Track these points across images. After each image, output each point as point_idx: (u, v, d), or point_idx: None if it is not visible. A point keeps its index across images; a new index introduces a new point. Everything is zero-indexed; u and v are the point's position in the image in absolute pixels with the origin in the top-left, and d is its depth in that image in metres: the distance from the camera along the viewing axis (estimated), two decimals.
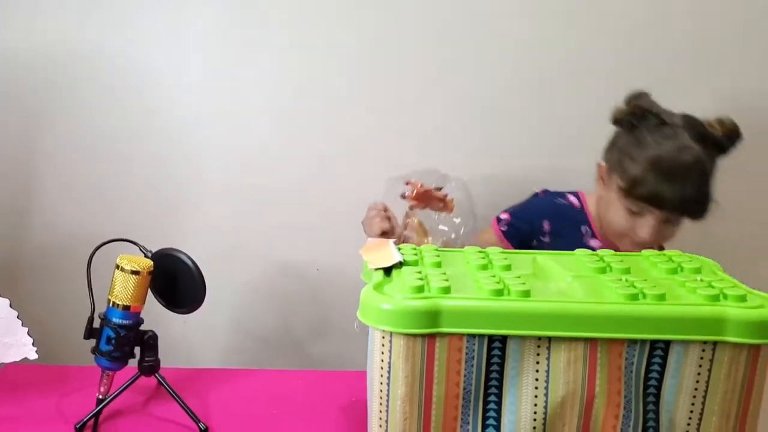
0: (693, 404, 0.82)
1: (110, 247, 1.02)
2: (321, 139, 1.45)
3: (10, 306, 1.01)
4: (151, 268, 1.00)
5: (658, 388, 0.82)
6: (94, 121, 1.46)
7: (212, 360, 1.47)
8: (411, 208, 1.19)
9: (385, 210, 1.18)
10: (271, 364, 1.52)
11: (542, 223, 1.28)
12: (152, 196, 1.48)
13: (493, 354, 0.81)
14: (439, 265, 0.91)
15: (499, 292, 0.81)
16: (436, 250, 0.98)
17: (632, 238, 1.21)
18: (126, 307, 0.99)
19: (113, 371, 1.02)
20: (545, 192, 1.34)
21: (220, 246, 1.44)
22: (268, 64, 1.44)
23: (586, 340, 0.80)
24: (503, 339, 0.80)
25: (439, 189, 1.18)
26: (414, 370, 0.81)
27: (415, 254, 0.95)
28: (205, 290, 1.02)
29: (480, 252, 0.96)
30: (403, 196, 1.15)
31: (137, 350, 1.03)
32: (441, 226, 1.19)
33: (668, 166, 1.18)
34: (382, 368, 0.82)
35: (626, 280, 0.86)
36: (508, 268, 0.91)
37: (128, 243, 1.03)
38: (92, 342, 1.02)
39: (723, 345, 0.80)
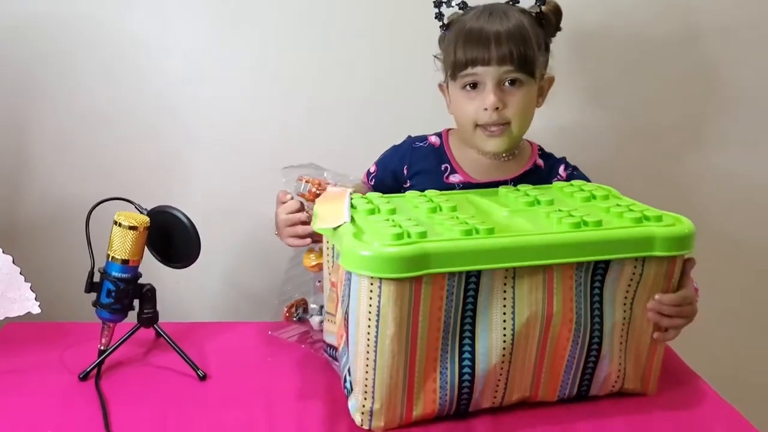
0: (625, 312, 0.97)
1: (105, 207, 1.06)
2: (312, 96, 1.47)
3: (13, 263, 1.04)
4: (148, 224, 1.04)
5: (601, 302, 0.95)
6: (84, 85, 1.47)
7: (206, 316, 1.51)
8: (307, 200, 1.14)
9: (301, 205, 1.14)
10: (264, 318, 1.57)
11: (402, 168, 1.26)
12: (144, 158, 1.49)
13: (469, 288, 0.89)
14: (394, 211, 0.97)
15: (468, 232, 0.89)
16: (382, 196, 1.03)
17: (484, 119, 1.15)
18: (125, 261, 1.03)
19: (114, 323, 1.06)
20: (408, 138, 1.31)
21: (212, 205, 1.47)
22: (257, 24, 1.45)
23: (544, 267, 0.91)
24: (477, 274, 0.89)
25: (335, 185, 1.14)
26: (402, 312, 0.87)
27: (368, 202, 1.00)
28: (199, 245, 1.06)
29: (421, 196, 1.05)
30: (299, 193, 1.12)
31: (136, 303, 1.07)
32: None
33: (472, 19, 1.16)
34: (370, 312, 0.87)
35: (561, 210, 0.97)
36: (455, 209, 0.99)
37: (124, 202, 1.07)
38: (91, 298, 1.05)
39: (650, 260, 0.94)
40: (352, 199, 1.01)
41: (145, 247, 1.06)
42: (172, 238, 1.07)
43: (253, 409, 0.98)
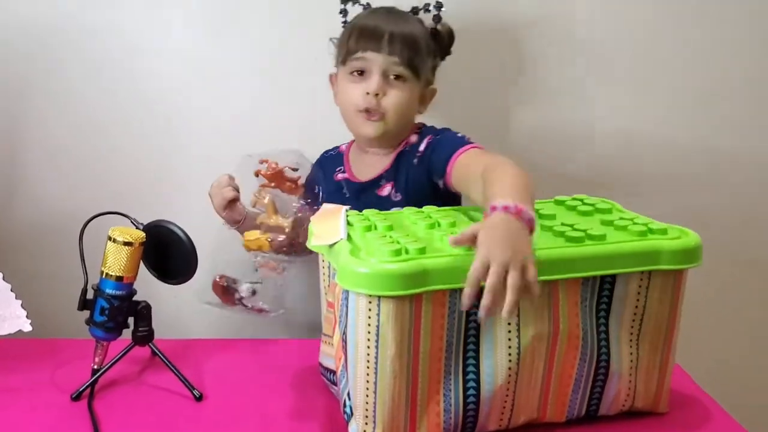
0: (632, 328, 0.95)
1: (99, 221, 1.03)
2: (313, 104, 1.45)
3: (3, 279, 1.01)
4: (143, 240, 1.01)
5: (607, 318, 0.94)
6: (76, 93, 1.45)
7: (203, 332, 1.48)
8: (263, 186, 1.22)
9: (233, 179, 1.24)
10: (263, 335, 1.54)
11: (317, 176, 1.30)
12: (140, 170, 1.47)
13: (472, 305, 0.85)
14: (391, 228, 0.95)
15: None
16: (379, 213, 1.02)
17: (365, 103, 1.21)
18: (119, 278, 1.00)
19: (107, 341, 1.03)
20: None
21: (210, 220, 1.44)
22: (255, 30, 1.43)
23: (548, 283, 0.88)
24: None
25: (295, 170, 1.22)
26: (403, 331, 0.84)
27: (364, 219, 0.99)
28: (197, 261, 1.04)
29: (419, 212, 1.03)
30: (257, 174, 1.20)
31: (131, 321, 1.04)
32: (294, 204, 1.23)
33: (370, 16, 1.26)
34: (369, 332, 0.85)
35: (563, 224, 0.95)
36: (453, 224, 0.96)
37: (119, 216, 1.04)
38: (85, 315, 1.03)
39: (656, 274, 0.93)
40: (347, 216, 0.99)
41: (141, 262, 1.03)
42: (168, 253, 1.04)
43: (250, 431, 0.95)
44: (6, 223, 1.49)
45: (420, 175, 1.23)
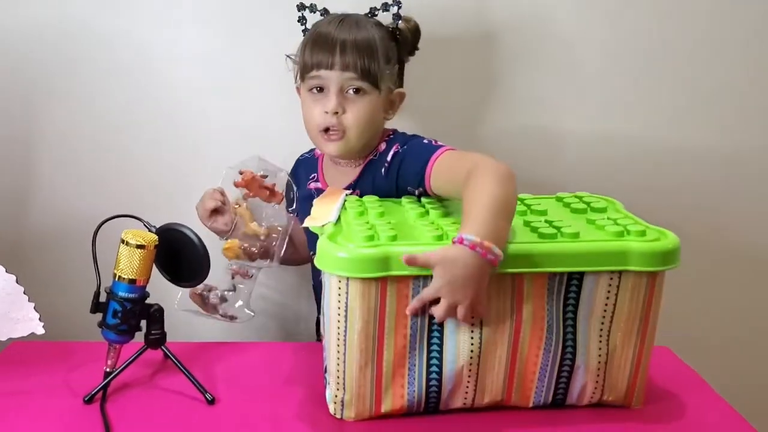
0: (602, 324, 0.96)
1: (112, 224, 1.03)
2: None
3: (17, 282, 1.02)
4: (156, 242, 1.01)
5: (575, 312, 0.96)
6: (89, 99, 1.45)
7: (216, 335, 1.48)
8: (245, 197, 1.24)
9: (221, 193, 1.25)
10: (275, 338, 1.54)
11: (294, 180, 1.31)
12: (151, 172, 1.48)
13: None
14: (382, 215, 1.03)
15: (439, 238, 0.93)
16: (378, 200, 1.09)
17: (324, 122, 1.18)
18: (132, 281, 1.00)
19: (120, 344, 1.03)
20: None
21: None
22: (265, 35, 1.43)
23: (512, 275, 0.93)
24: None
25: (265, 177, 1.23)
26: (369, 308, 0.92)
27: (360, 205, 1.06)
28: (209, 264, 1.03)
29: (416, 202, 1.10)
30: (236, 185, 1.22)
31: (143, 324, 1.04)
32: (266, 213, 1.26)
33: (324, 24, 1.21)
34: (339, 308, 0.93)
35: (544, 221, 0.99)
36: (445, 215, 1.04)
37: (132, 219, 1.04)
38: (98, 318, 1.02)
39: (627, 274, 0.94)
40: (346, 201, 1.08)
41: (153, 265, 1.03)
42: (180, 256, 1.04)
43: None
44: (20, 227, 1.50)
45: (388, 186, 1.20)
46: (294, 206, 1.27)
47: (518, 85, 1.49)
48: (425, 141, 1.20)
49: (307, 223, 1.04)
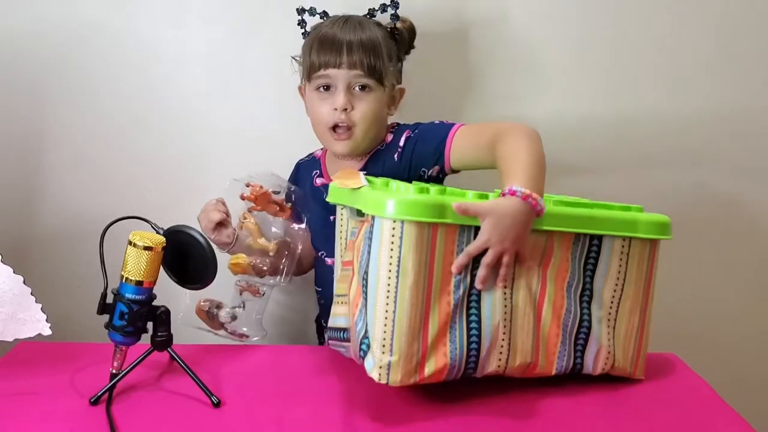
0: (615, 290, 1.07)
1: (120, 226, 1.03)
2: None
3: (24, 283, 1.02)
4: (164, 244, 1.01)
5: (592, 275, 1.05)
6: (97, 100, 1.46)
7: (222, 338, 1.48)
8: (250, 210, 1.25)
9: (223, 204, 1.26)
10: (281, 341, 1.54)
11: (297, 193, 1.32)
12: (158, 174, 1.48)
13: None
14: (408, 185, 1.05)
15: (482, 195, 1.00)
16: (394, 181, 1.09)
17: (333, 119, 1.23)
18: (139, 282, 1.00)
19: (126, 346, 1.03)
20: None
21: None
22: (273, 36, 1.43)
23: (546, 233, 1.01)
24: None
25: (276, 193, 1.24)
26: (420, 259, 0.94)
27: (384, 183, 1.07)
28: (216, 266, 1.03)
29: (425, 184, 1.08)
30: (242, 197, 1.22)
31: (150, 326, 1.04)
32: (274, 229, 1.27)
33: (328, 25, 1.26)
34: (390, 260, 0.93)
35: (558, 198, 1.07)
36: (463, 194, 1.04)
37: (139, 220, 1.04)
38: (104, 319, 1.02)
39: (635, 240, 1.06)
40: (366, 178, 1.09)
41: (160, 267, 1.03)
42: (187, 258, 1.04)
43: None
44: (27, 228, 1.50)
45: (401, 173, 1.24)
46: (305, 224, 1.29)
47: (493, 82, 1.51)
48: (436, 122, 1.25)
49: (339, 185, 1.06)
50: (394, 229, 0.92)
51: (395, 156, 1.25)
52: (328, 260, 1.31)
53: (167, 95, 1.46)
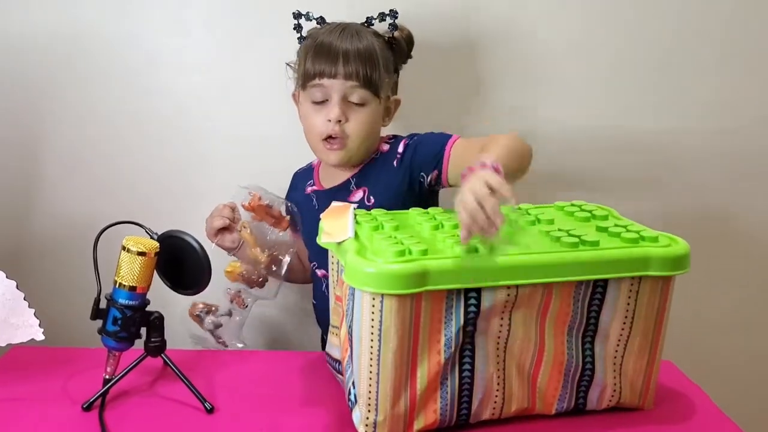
0: (623, 328, 0.98)
1: (114, 231, 1.03)
2: None
3: (17, 288, 1.01)
4: (157, 250, 1.01)
5: (597, 318, 0.97)
6: (94, 105, 1.45)
7: (217, 344, 1.48)
8: (253, 218, 1.25)
9: (232, 209, 1.25)
10: (276, 347, 1.53)
11: (293, 208, 1.31)
12: (154, 179, 1.48)
13: (470, 304, 0.91)
14: (398, 228, 1.00)
15: (470, 251, 0.90)
16: (387, 213, 1.05)
17: (327, 130, 1.20)
18: (132, 288, 0.99)
19: (119, 351, 1.03)
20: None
21: None
22: (272, 43, 1.43)
23: (543, 285, 0.93)
24: (478, 291, 0.90)
25: (270, 207, 1.24)
26: (404, 326, 0.89)
27: (372, 219, 1.03)
28: (210, 271, 1.03)
29: (424, 213, 1.06)
30: (243, 206, 1.23)
31: (143, 331, 1.03)
32: (269, 237, 1.26)
33: (325, 33, 1.23)
34: (372, 327, 0.89)
35: (559, 230, 0.99)
36: (456, 227, 0.97)
37: (133, 225, 1.04)
38: (98, 324, 1.02)
39: (646, 278, 0.96)
40: (356, 215, 1.03)
41: (154, 272, 1.02)
42: (182, 263, 1.04)
43: None
44: (21, 232, 1.50)
45: (400, 179, 1.23)
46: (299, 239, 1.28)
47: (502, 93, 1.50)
48: (434, 132, 1.24)
49: (324, 239, 1.01)
50: (373, 300, 0.87)
51: (394, 162, 1.24)
52: (319, 272, 1.30)
53: (165, 100, 1.46)
